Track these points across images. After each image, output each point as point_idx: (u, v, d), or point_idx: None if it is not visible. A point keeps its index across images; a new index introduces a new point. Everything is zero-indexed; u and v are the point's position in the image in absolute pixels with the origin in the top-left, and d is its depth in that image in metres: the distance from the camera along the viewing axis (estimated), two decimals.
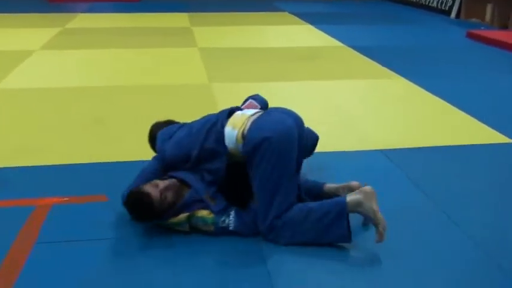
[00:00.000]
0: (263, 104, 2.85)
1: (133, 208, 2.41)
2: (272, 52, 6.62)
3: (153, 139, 2.78)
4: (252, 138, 2.36)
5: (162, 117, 2.96)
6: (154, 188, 2.40)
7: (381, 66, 5.87)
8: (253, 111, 2.57)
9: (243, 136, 2.41)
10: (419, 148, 3.53)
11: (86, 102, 4.47)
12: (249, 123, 2.43)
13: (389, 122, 4.08)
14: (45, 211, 2.62)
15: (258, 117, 2.46)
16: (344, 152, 3.35)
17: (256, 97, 2.92)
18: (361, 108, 4.39)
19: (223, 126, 2.49)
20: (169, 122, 2.88)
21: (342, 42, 7.22)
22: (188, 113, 2.90)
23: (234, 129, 2.45)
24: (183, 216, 2.41)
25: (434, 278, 2.15)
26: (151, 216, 2.40)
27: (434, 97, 4.68)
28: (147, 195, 2.37)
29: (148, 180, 2.51)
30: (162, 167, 2.62)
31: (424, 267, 2.23)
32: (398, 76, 5.41)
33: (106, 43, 7.05)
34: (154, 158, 2.71)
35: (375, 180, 3.01)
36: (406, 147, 3.54)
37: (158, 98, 4.59)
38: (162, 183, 2.44)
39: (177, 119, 2.90)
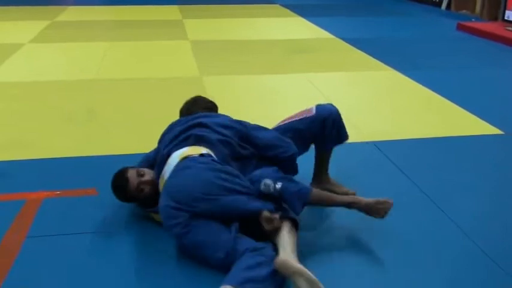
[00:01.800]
0: (323, 115, 2.61)
1: (112, 185, 2.47)
2: (264, 45, 6.60)
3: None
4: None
5: (153, 111, 2.94)
6: (137, 177, 2.41)
7: (371, 58, 5.87)
8: (169, 172, 2.31)
9: None
10: (410, 140, 3.55)
11: (77, 95, 4.44)
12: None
13: (380, 113, 4.10)
14: (36, 205, 2.62)
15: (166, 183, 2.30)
16: None
17: (321, 106, 2.69)
18: (353, 100, 4.40)
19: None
20: (205, 107, 2.84)
21: (333, 34, 7.21)
22: (179, 107, 2.89)
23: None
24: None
25: (424, 266, 2.17)
26: (123, 198, 2.47)
27: (425, 89, 4.69)
28: (125, 180, 2.40)
29: (139, 166, 2.55)
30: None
31: (415, 257, 2.24)
32: (389, 68, 5.42)
33: (96, 36, 7.00)
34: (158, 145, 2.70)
35: (367, 172, 3.05)
36: (397, 138, 3.56)
37: (149, 91, 4.57)
38: (148, 176, 2.44)
39: (167, 113, 2.90)
